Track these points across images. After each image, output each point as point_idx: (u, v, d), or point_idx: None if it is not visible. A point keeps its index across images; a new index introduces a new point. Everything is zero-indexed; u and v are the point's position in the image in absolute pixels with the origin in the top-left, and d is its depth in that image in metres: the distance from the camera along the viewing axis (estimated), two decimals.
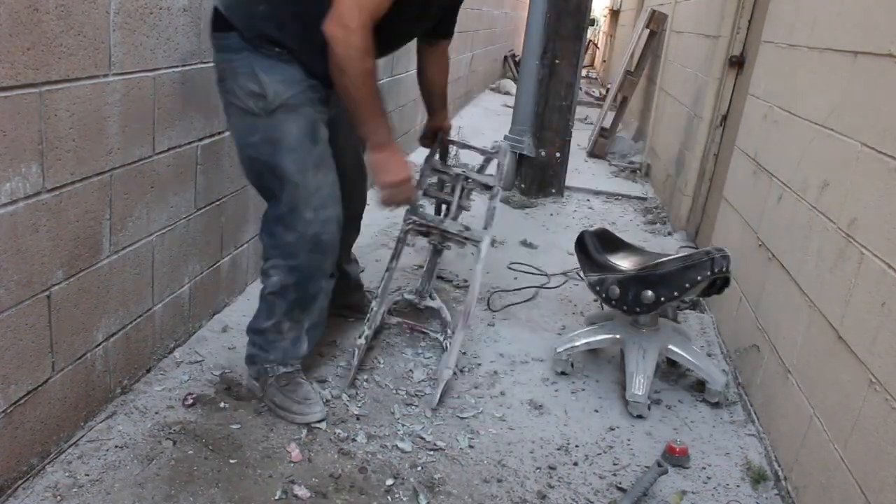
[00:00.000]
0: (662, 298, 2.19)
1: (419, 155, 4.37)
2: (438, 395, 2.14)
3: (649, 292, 2.20)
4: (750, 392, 2.35)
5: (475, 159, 4.28)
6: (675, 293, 2.19)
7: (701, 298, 3.15)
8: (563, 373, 2.42)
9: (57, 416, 1.74)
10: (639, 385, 2.22)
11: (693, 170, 3.97)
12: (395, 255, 2.37)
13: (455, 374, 2.17)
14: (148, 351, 2.12)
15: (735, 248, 2.80)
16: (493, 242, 2.32)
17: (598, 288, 2.32)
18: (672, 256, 2.31)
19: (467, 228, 2.32)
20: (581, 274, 2.46)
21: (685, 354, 2.37)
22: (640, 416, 2.22)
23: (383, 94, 1.89)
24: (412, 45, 2.29)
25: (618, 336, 2.40)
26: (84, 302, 1.78)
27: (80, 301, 1.76)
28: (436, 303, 2.55)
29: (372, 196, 2.31)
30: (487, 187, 2.48)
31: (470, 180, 2.51)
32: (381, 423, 2.04)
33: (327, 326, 2.20)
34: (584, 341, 2.43)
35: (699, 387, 2.45)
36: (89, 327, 1.82)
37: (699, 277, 2.17)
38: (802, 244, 2.10)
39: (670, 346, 2.37)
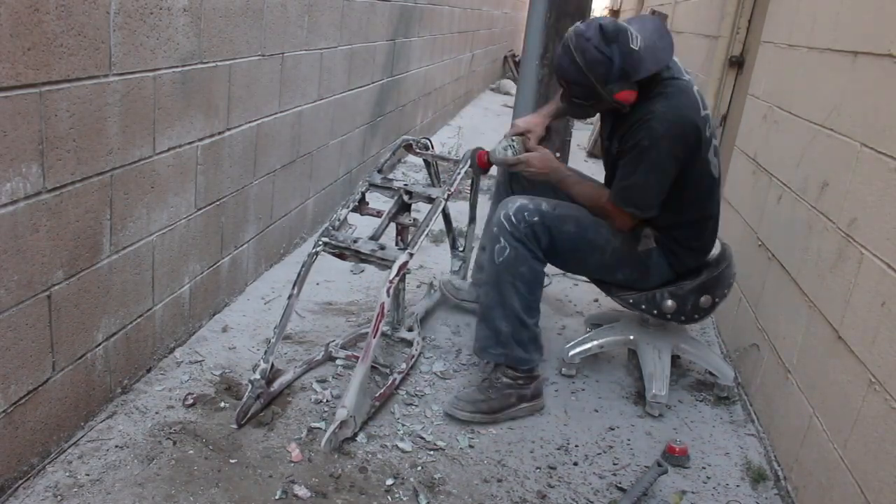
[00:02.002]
0: (717, 300, 2.22)
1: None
2: (328, 435, 1.88)
3: (704, 297, 2.20)
4: (750, 392, 2.35)
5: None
6: (725, 292, 2.25)
7: None
8: (568, 375, 2.42)
9: (57, 416, 1.74)
10: (660, 385, 2.24)
11: None
12: (297, 282, 2.10)
13: (349, 412, 1.90)
14: (148, 351, 2.12)
15: (735, 248, 2.81)
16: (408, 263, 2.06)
17: (644, 306, 2.20)
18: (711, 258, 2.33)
19: (382, 248, 2.10)
20: (612, 295, 2.30)
21: (695, 350, 2.40)
22: (660, 416, 2.23)
23: (384, 93, 1.94)
24: (412, 45, 2.31)
25: (630, 337, 2.40)
26: (84, 302, 1.78)
27: (80, 301, 1.76)
28: (410, 334, 2.42)
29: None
30: (430, 199, 2.26)
31: (413, 194, 2.30)
32: (381, 423, 2.04)
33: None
34: (596, 343, 2.42)
35: (699, 386, 2.45)
36: (89, 327, 1.82)
37: (735, 272, 2.26)
38: (802, 244, 2.10)
39: (681, 345, 2.39)
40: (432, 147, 2.60)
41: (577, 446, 2.06)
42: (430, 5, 5.02)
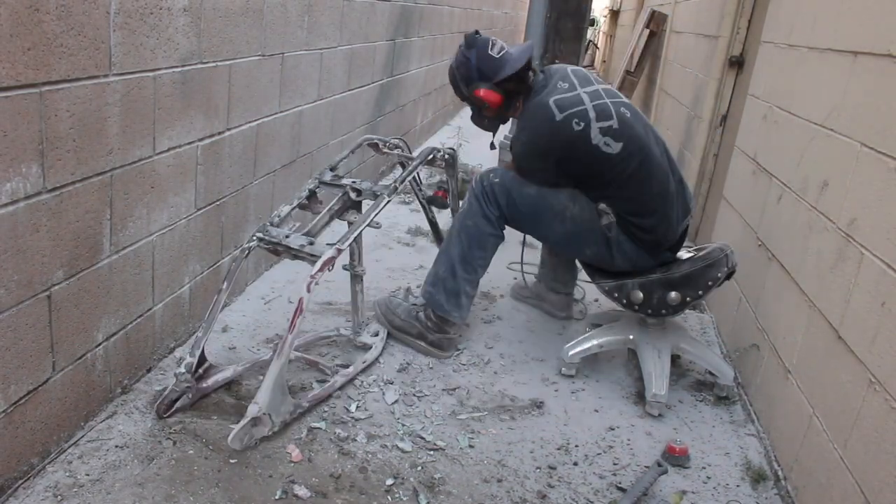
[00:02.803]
0: (688, 298, 2.23)
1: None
2: (236, 431, 1.78)
3: (674, 293, 2.21)
4: (750, 392, 2.35)
5: (476, 160, 4.29)
6: (700, 292, 2.24)
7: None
8: (568, 375, 2.42)
9: (57, 416, 1.74)
10: (660, 385, 2.24)
11: (693, 170, 3.97)
12: (227, 277, 2.05)
13: (261, 408, 1.84)
14: (148, 351, 2.12)
15: (735, 248, 2.81)
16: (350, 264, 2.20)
17: (616, 294, 2.30)
18: (690, 256, 2.34)
19: (311, 243, 2.05)
20: (592, 281, 2.42)
21: (695, 350, 2.40)
22: (659, 416, 2.23)
23: (384, 93, 2.02)
24: (412, 45, 2.40)
25: (630, 337, 2.41)
26: (84, 302, 1.78)
27: (80, 301, 1.76)
28: (373, 339, 2.39)
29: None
30: (376, 196, 2.23)
31: (361, 192, 2.27)
32: (381, 423, 2.04)
33: None
34: (595, 343, 2.42)
35: (699, 386, 2.45)
36: (89, 327, 1.82)
37: (719, 275, 2.24)
38: (802, 244, 2.10)
39: (681, 344, 2.39)
40: (407, 147, 2.57)
41: (577, 446, 2.06)
42: (430, 5, 5.02)
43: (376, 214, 2.15)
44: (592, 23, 13.00)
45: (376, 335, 2.43)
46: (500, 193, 2.33)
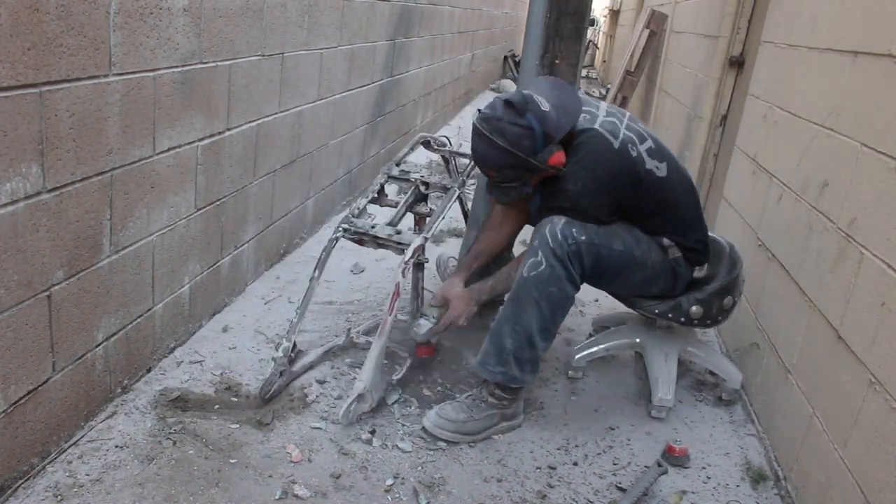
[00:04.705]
0: (736, 299, 2.23)
1: (419, 156, 4.38)
2: (345, 407, 1.97)
3: (727, 299, 2.19)
4: (750, 392, 2.35)
5: None
6: (742, 290, 2.25)
7: None
8: (574, 378, 2.41)
9: (57, 416, 1.74)
10: (666, 390, 2.23)
11: (693, 170, 3.97)
12: (318, 265, 2.21)
13: (365, 386, 1.97)
14: (148, 351, 2.12)
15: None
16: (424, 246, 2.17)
17: (671, 315, 2.17)
18: (724, 259, 2.32)
19: (398, 232, 2.18)
20: (637, 307, 2.25)
21: (703, 354, 2.39)
22: (663, 420, 2.23)
23: (384, 93, 1.96)
24: (412, 45, 2.31)
25: (637, 340, 2.40)
26: (84, 302, 1.78)
27: (80, 301, 1.76)
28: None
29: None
30: (446, 189, 2.44)
31: (430, 185, 2.47)
32: (381, 423, 2.04)
33: None
34: (602, 346, 2.40)
35: (699, 386, 2.45)
36: (89, 327, 1.82)
37: (744, 269, 2.26)
38: (802, 244, 2.10)
39: (689, 349, 2.38)
40: (450, 144, 2.72)
41: (577, 446, 2.06)
42: (431, 5, 5.02)
43: (450, 205, 2.33)
44: (592, 23, 13.01)
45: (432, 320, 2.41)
46: (587, 252, 1.98)
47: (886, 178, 1.66)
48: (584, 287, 2.02)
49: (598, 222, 2.02)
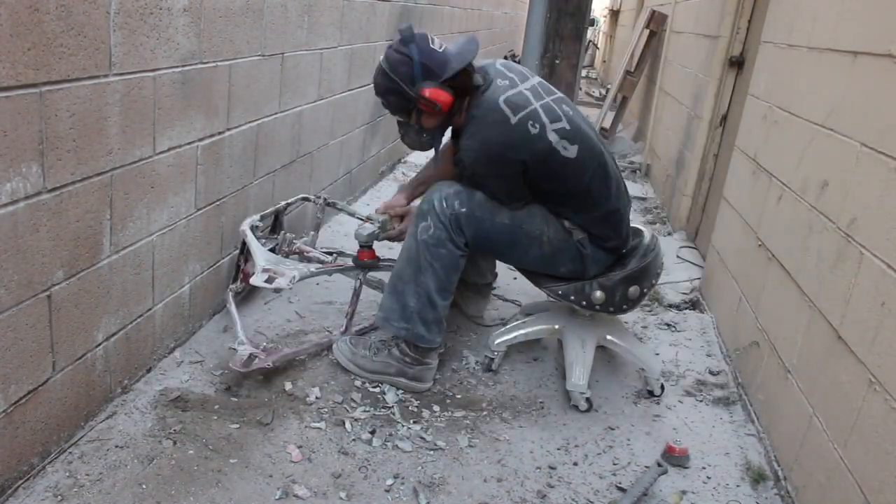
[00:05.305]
0: (645, 290, 2.22)
1: (418, 156, 4.37)
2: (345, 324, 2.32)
3: (633, 288, 2.20)
4: (750, 392, 2.35)
5: None
6: (653, 282, 2.25)
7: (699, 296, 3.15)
8: (490, 359, 2.39)
9: (57, 416, 1.74)
10: (579, 375, 2.22)
11: (693, 170, 3.98)
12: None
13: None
14: (148, 351, 2.12)
15: (735, 248, 2.81)
16: None
17: (573, 297, 2.19)
18: (632, 247, 2.35)
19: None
20: (542, 287, 2.28)
21: (622, 343, 2.38)
22: (579, 409, 2.22)
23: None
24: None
25: (556, 326, 2.39)
26: (84, 302, 1.78)
27: (80, 301, 1.76)
28: None
29: None
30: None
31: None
32: (381, 423, 2.04)
33: None
34: (521, 332, 2.41)
35: (699, 386, 2.45)
36: (89, 327, 1.82)
37: (663, 261, 2.28)
38: (802, 244, 2.10)
39: (608, 336, 2.36)
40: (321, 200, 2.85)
41: (577, 446, 2.06)
42: (431, 5, 5.02)
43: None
44: (592, 23, 12.99)
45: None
46: (467, 225, 2.12)
47: (886, 178, 1.66)
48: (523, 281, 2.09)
49: (500, 191, 2.14)
